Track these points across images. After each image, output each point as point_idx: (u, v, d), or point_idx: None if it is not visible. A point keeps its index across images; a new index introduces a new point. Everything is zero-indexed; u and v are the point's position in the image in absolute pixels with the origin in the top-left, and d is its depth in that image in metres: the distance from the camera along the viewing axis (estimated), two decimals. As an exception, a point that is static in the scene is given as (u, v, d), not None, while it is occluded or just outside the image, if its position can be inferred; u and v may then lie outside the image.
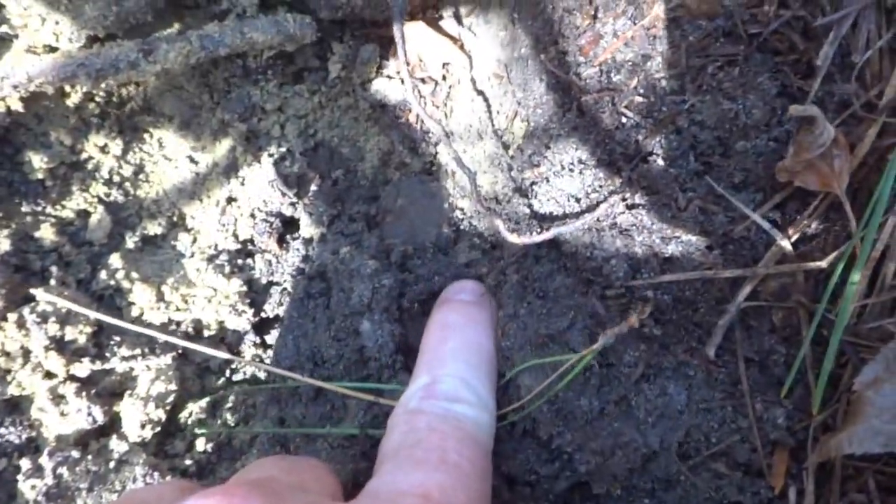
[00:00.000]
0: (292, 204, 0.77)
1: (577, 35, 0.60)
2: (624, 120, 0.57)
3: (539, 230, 0.61)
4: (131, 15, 0.66)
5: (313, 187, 0.78)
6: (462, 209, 0.75)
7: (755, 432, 0.57)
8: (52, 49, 0.68)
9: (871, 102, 0.50)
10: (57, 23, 0.67)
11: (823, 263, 0.50)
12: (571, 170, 0.60)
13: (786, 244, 0.52)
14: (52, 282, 0.71)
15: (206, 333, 0.75)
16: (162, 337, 0.70)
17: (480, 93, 0.74)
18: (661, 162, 0.55)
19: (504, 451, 0.58)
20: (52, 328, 0.68)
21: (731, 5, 0.52)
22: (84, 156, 0.76)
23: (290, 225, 0.79)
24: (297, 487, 0.47)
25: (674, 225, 0.55)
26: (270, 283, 0.77)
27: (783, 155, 0.52)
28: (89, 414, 0.68)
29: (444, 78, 0.79)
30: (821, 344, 0.56)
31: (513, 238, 0.60)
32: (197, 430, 0.72)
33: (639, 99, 0.56)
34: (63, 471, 0.66)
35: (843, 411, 0.54)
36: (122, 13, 0.65)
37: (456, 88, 0.78)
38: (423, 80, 0.79)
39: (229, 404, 0.75)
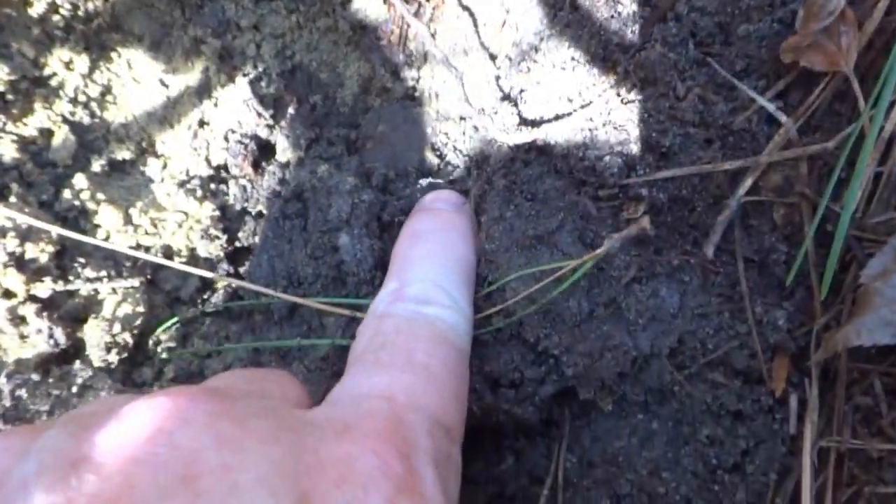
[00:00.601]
0: (268, 126, 0.73)
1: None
2: (620, 9, 0.54)
3: (526, 130, 0.58)
4: None
5: (290, 111, 0.74)
6: (446, 133, 0.72)
7: (755, 337, 0.54)
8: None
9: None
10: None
11: (830, 144, 0.48)
12: (564, 68, 0.57)
13: (791, 126, 0.49)
14: (13, 199, 0.67)
15: (176, 260, 0.71)
16: (129, 253, 0.65)
17: (466, 8, 0.71)
18: (659, 49, 0.52)
19: (488, 354, 0.54)
20: (12, 244, 0.64)
21: None
22: (48, 71, 0.71)
23: (265, 150, 0.75)
24: (257, 394, 0.43)
25: (671, 116, 0.52)
26: (245, 211, 0.73)
27: (788, 38, 0.49)
28: (51, 336, 0.64)
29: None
30: (824, 244, 0.53)
31: (502, 136, 0.57)
32: (165, 356, 0.68)
33: (635, -14, 0.53)
34: (22, 393, 0.62)
35: (848, 311, 0.51)
36: None
37: (440, 9, 0.75)
38: (406, 1, 0.75)
39: (201, 334, 0.71)
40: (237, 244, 0.72)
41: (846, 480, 0.51)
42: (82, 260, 0.67)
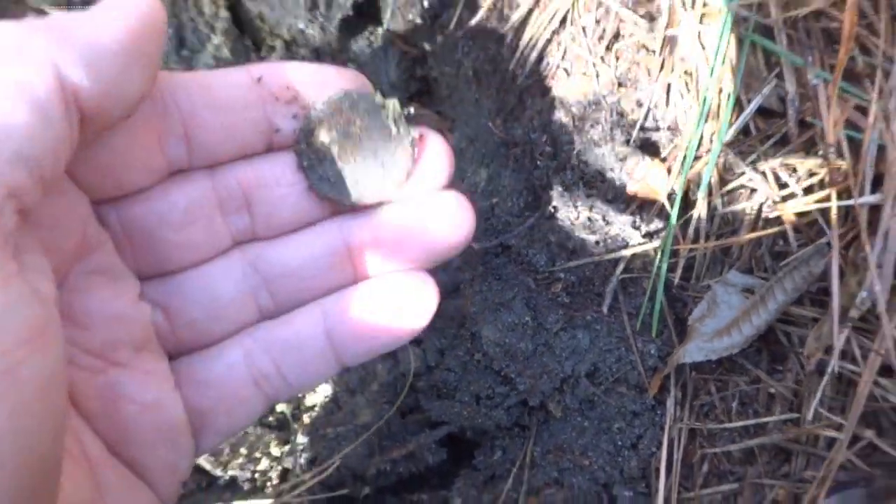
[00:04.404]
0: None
1: (511, 107, 0.95)
2: (539, 163, 0.91)
3: (494, 239, 0.94)
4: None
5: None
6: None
7: (639, 363, 0.88)
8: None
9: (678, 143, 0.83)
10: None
11: (657, 243, 0.82)
12: (513, 197, 0.94)
13: (638, 235, 0.84)
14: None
15: None
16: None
17: (457, 151, 1.09)
18: (560, 189, 0.88)
19: (473, 378, 0.90)
20: None
21: (596, 87, 0.86)
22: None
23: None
24: None
25: (572, 228, 0.88)
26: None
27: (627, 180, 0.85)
28: None
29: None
30: (679, 299, 0.87)
31: (474, 245, 0.93)
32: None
33: (548, 149, 0.90)
34: None
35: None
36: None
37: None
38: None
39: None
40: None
41: (698, 448, 0.84)
42: None
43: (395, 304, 0.45)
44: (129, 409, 0.40)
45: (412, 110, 0.43)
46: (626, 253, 0.86)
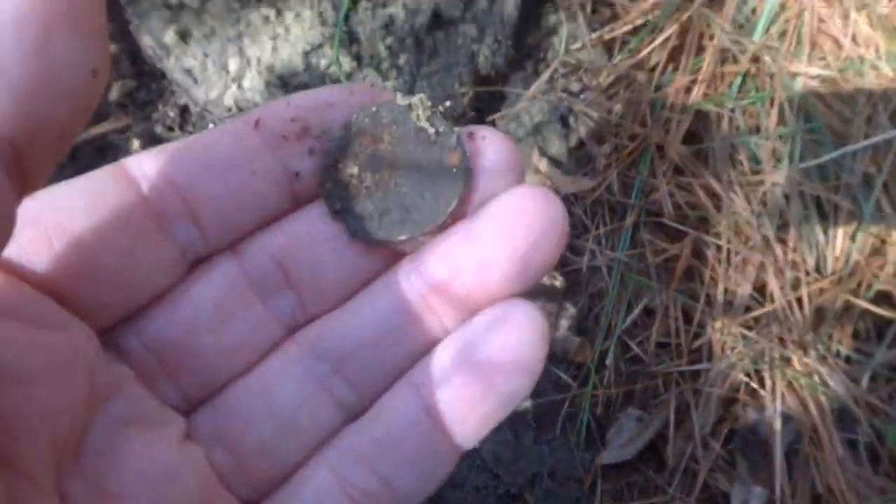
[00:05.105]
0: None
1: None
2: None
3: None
4: None
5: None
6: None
7: (579, 465, 1.41)
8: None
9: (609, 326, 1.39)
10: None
11: (586, 390, 1.37)
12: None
13: (575, 385, 1.40)
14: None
15: None
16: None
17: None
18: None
19: (474, 477, 1.43)
20: None
21: (552, 295, 1.45)
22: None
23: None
24: None
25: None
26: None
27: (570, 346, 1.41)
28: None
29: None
30: (604, 427, 1.41)
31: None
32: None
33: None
34: None
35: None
36: None
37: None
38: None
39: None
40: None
41: (615, 521, 1.35)
42: None
43: (500, 349, 0.37)
44: None
45: (448, 103, 0.36)
46: (569, 395, 1.41)
